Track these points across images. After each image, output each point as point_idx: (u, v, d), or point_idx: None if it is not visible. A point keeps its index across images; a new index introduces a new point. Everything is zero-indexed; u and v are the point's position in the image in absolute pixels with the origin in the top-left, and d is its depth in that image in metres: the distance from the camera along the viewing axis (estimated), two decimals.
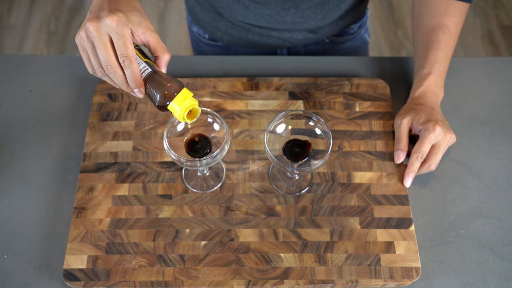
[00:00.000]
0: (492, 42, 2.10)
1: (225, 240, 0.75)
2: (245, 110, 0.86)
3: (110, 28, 0.59)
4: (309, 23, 0.97)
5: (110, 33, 0.60)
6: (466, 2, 0.84)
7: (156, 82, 0.62)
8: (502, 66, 0.96)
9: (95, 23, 0.60)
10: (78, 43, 0.63)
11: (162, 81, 0.62)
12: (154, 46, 0.63)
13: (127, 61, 0.60)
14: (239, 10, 0.95)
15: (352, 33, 1.09)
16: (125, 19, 0.60)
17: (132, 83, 0.62)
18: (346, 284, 0.72)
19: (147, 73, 0.63)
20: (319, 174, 0.81)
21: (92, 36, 0.60)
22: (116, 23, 0.59)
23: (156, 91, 0.62)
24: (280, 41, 1.03)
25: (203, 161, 0.69)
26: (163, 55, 0.64)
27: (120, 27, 0.60)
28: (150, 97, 0.64)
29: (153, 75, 0.63)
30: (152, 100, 0.63)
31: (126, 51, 0.60)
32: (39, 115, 0.88)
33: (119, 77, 0.62)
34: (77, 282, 0.71)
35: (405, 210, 0.78)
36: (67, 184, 0.81)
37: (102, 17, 0.60)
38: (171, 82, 0.62)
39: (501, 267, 0.76)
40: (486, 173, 0.84)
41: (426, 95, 0.84)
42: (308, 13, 0.93)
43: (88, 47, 0.61)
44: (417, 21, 0.89)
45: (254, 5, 0.92)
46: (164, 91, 0.61)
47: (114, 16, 0.59)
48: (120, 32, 0.60)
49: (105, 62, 0.60)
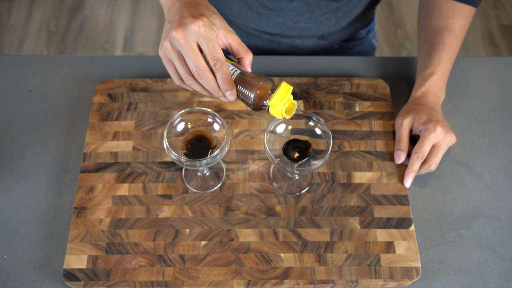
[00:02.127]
0: (492, 42, 2.10)
1: (225, 240, 0.75)
2: (245, 110, 0.86)
3: (197, 34, 0.59)
4: (321, 29, 0.97)
5: (198, 39, 0.59)
6: (473, 7, 0.85)
7: (247, 83, 0.62)
8: (502, 66, 0.96)
9: (181, 31, 0.59)
10: (162, 55, 0.62)
11: (253, 81, 0.62)
12: (236, 48, 0.63)
13: (219, 63, 0.60)
14: (251, 18, 0.95)
15: (360, 38, 1.10)
16: (209, 22, 0.59)
17: (224, 85, 0.61)
18: (346, 284, 0.72)
19: (236, 75, 0.63)
20: (319, 174, 0.81)
21: (178, 45, 0.59)
22: (203, 28, 0.59)
23: (250, 92, 0.62)
24: (289, 48, 1.03)
25: (203, 161, 0.69)
26: (246, 56, 0.64)
27: (208, 31, 0.59)
28: (242, 99, 0.64)
29: (242, 76, 0.62)
30: (245, 101, 0.63)
31: (216, 53, 0.59)
32: (39, 115, 0.88)
33: (211, 81, 0.61)
34: (77, 282, 0.71)
35: (405, 210, 0.78)
36: (67, 184, 0.81)
37: (186, 24, 0.59)
38: (263, 81, 0.62)
39: (501, 267, 0.76)
40: (486, 173, 0.84)
41: (428, 95, 0.84)
42: (321, 19, 0.94)
43: (175, 57, 0.61)
44: (423, 22, 0.89)
45: (268, 12, 0.92)
46: (257, 90, 0.61)
47: (200, 21, 0.59)
48: (208, 36, 0.59)
49: (196, 68, 0.60)
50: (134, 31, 2.11)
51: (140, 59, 0.96)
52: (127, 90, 0.88)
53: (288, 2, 0.90)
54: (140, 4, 2.19)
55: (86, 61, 0.95)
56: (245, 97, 0.63)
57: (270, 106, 0.62)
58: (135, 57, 0.97)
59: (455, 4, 0.85)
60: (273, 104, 0.61)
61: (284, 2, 0.90)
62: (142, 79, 0.89)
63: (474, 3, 0.85)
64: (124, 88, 0.88)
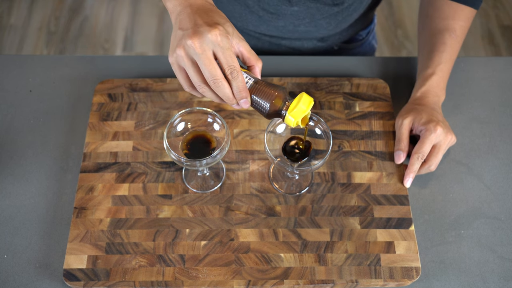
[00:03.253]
0: (492, 42, 2.10)
1: (225, 240, 0.75)
2: (245, 110, 0.86)
3: (214, 43, 0.58)
4: (321, 32, 0.97)
5: (214, 48, 0.59)
6: (474, 8, 0.86)
7: (262, 92, 0.63)
8: (502, 66, 0.96)
9: (197, 40, 0.58)
10: (173, 62, 0.61)
11: (268, 91, 0.62)
12: (247, 56, 0.63)
13: (235, 72, 0.60)
14: (252, 21, 0.95)
15: (360, 39, 1.10)
16: (224, 31, 0.59)
17: (239, 94, 0.61)
18: (346, 284, 0.72)
19: (250, 83, 0.63)
20: (319, 174, 0.81)
21: (193, 53, 0.59)
22: (220, 37, 0.58)
23: (265, 101, 0.63)
24: (289, 50, 1.03)
25: (203, 161, 0.69)
26: (257, 63, 0.64)
27: (224, 41, 0.59)
28: (256, 107, 0.64)
29: (256, 85, 0.63)
30: (259, 109, 0.64)
31: (233, 62, 0.59)
32: (39, 115, 0.88)
33: (227, 89, 0.61)
34: (77, 282, 0.71)
35: (405, 210, 0.78)
36: (67, 184, 0.81)
37: (203, 32, 0.58)
38: (278, 91, 0.63)
39: (501, 267, 0.76)
40: (486, 173, 0.84)
41: (428, 95, 0.84)
42: (321, 23, 0.94)
43: (188, 64, 0.60)
44: (424, 22, 0.89)
45: (269, 16, 0.92)
46: (273, 100, 0.62)
47: (216, 30, 0.58)
48: (225, 45, 0.59)
49: (212, 77, 0.59)
50: (134, 31, 2.11)
51: (140, 59, 0.96)
52: (127, 90, 0.88)
53: (289, 7, 0.90)
54: (140, 4, 2.19)
55: (86, 61, 0.95)
56: (259, 106, 0.64)
57: (291, 116, 0.63)
58: (135, 57, 0.97)
59: (456, 5, 0.85)
60: (294, 115, 0.62)
61: (284, 6, 0.90)
62: (142, 79, 0.89)
63: (475, 4, 0.85)
64: (124, 88, 0.88)
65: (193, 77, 0.61)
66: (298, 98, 0.63)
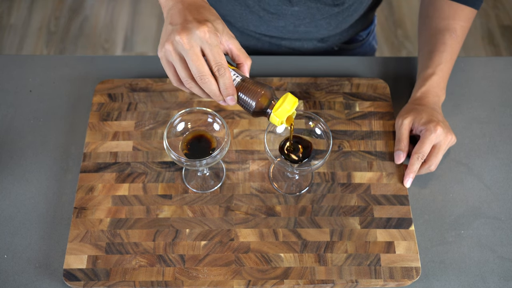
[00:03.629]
0: (492, 42, 2.10)
1: (225, 240, 0.75)
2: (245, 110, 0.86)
3: (202, 40, 0.59)
4: (321, 32, 0.97)
5: (202, 44, 0.59)
6: (474, 8, 0.86)
7: (248, 90, 0.63)
8: (502, 66, 0.96)
9: (185, 36, 0.58)
10: (162, 57, 0.62)
11: (255, 89, 0.63)
12: (236, 53, 0.63)
13: (222, 69, 0.60)
14: (252, 21, 0.95)
15: (360, 40, 1.10)
16: (213, 28, 0.59)
17: (226, 90, 0.62)
18: (346, 284, 0.72)
19: (237, 81, 0.63)
20: (319, 174, 0.81)
21: (181, 49, 0.59)
22: (208, 34, 0.59)
23: (251, 99, 0.63)
24: (289, 50, 1.03)
25: (203, 161, 0.69)
26: (246, 61, 0.64)
27: (212, 37, 0.59)
28: (242, 104, 0.65)
29: (243, 83, 0.63)
30: (245, 107, 0.64)
31: (220, 59, 0.60)
32: (39, 115, 0.88)
33: (213, 86, 0.61)
34: (77, 282, 0.71)
35: (405, 210, 0.78)
36: (67, 184, 0.81)
37: (191, 28, 0.59)
38: (265, 89, 0.63)
39: (501, 267, 0.76)
40: (486, 173, 0.84)
41: (428, 95, 0.84)
42: (322, 23, 0.94)
43: (176, 60, 0.60)
44: (424, 22, 0.89)
45: (269, 16, 0.92)
46: (259, 98, 0.63)
47: (205, 27, 0.59)
48: (213, 42, 0.59)
49: (199, 73, 0.60)
50: (134, 31, 2.11)
51: (140, 59, 0.96)
52: (127, 90, 0.88)
53: (289, 7, 0.90)
54: (140, 4, 2.19)
55: (86, 61, 0.95)
56: (245, 103, 0.64)
57: (275, 115, 0.63)
58: (135, 57, 0.97)
59: (457, 5, 0.85)
60: (278, 114, 0.63)
61: (285, 6, 0.90)
62: (142, 79, 0.89)
63: (475, 5, 0.85)
64: (124, 88, 0.89)
65: (181, 73, 0.62)
66: (283, 98, 0.63)
